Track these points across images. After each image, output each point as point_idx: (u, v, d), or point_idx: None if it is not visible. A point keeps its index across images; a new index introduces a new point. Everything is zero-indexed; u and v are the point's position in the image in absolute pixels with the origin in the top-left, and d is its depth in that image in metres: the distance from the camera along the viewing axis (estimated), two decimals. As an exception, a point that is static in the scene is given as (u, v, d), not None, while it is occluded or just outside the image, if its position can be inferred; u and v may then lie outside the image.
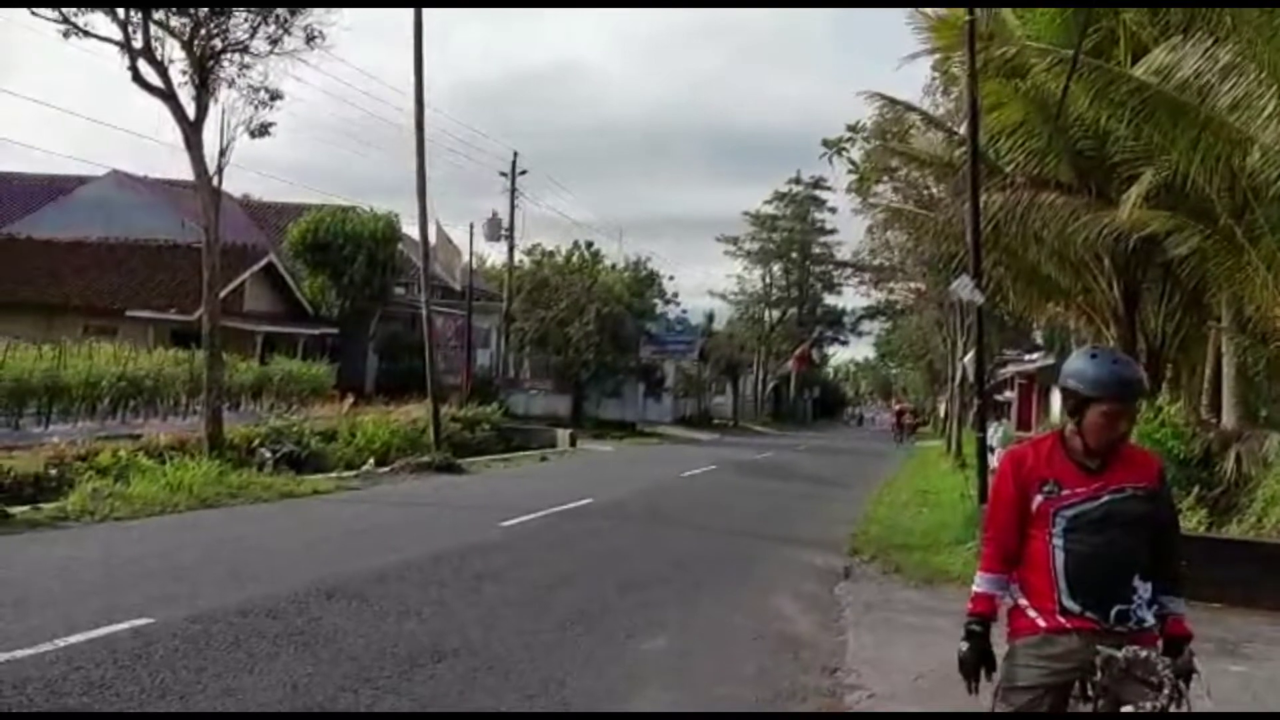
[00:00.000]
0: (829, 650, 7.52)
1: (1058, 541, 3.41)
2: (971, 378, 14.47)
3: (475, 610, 8.03)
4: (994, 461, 15.21)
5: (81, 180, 38.75)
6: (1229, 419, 14.22)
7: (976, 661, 3.51)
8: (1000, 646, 3.55)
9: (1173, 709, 3.17)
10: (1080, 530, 3.39)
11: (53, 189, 39.20)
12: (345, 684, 5.92)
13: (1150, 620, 3.39)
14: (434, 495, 16.69)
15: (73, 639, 6.40)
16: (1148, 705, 3.16)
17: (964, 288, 12.76)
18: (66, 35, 16.19)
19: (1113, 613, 3.34)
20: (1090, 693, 3.32)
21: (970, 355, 14.24)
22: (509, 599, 8.53)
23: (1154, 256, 14.69)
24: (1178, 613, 3.46)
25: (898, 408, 59.97)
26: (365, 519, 13.34)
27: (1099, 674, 3.26)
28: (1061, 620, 3.39)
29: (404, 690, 5.90)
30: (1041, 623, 3.43)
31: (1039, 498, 3.44)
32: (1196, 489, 11.55)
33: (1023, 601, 3.50)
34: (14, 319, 27.74)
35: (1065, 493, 3.41)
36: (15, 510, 11.64)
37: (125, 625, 6.81)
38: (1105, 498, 3.39)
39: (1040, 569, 3.45)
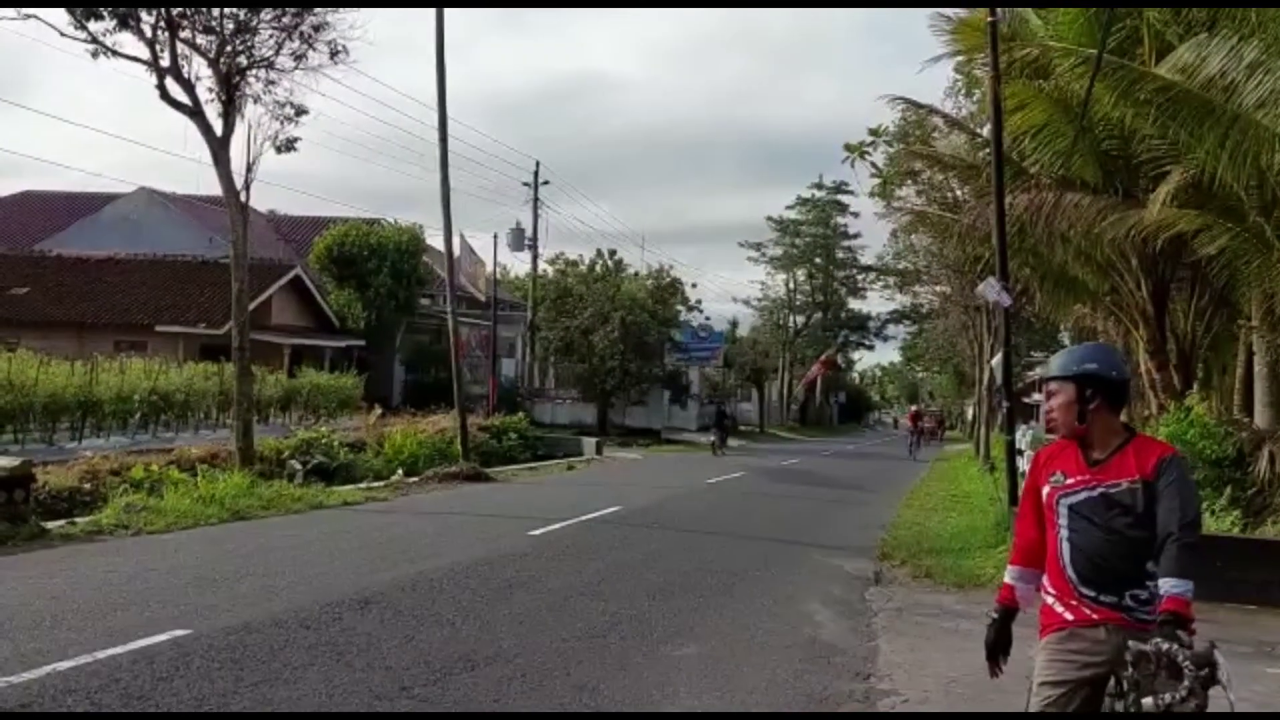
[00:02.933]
0: (861, 655, 7.50)
1: (1063, 532, 3.57)
2: (999, 380, 14.41)
3: (507, 618, 8.06)
4: (1023, 464, 15.17)
5: (111, 197, 39.29)
6: (1261, 418, 14.09)
7: (994, 643, 3.75)
8: (1023, 640, 3.70)
9: (1194, 703, 3.12)
10: (1080, 518, 3.54)
11: (82, 206, 39.79)
12: (380, 693, 5.97)
13: None
14: (463, 504, 16.75)
15: (111, 651, 6.49)
16: (1167, 697, 3.13)
17: (990, 289, 12.73)
18: (95, 55, 16.42)
19: (1127, 595, 3.43)
20: (1124, 688, 3.34)
21: (998, 357, 14.18)
22: (540, 607, 8.56)
23: (1182, 256, 14.59)
24: (1166, 592, 3.22)
25: (912, 410, 50.80)
26: (396, 529, 13.41)
27: (1130, 669, 3.26)
28: (1087, 612, 3.48)
29: (438, 698, 5.93)
30: (1068, 616, 3.53)
31: (1047, 487, 3.65)
32: (1229, 489, 11.44)
33: (1049, 597, 3.63)
34: (47, 335, 28.13)
35: (1068, 481, 3.59)
36: (51, 525, 11.78)
37: (163, 637, 6.89)
38: (1099, 489, 3.52)
39: (1054, 560, 3.61)
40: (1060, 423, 3.64)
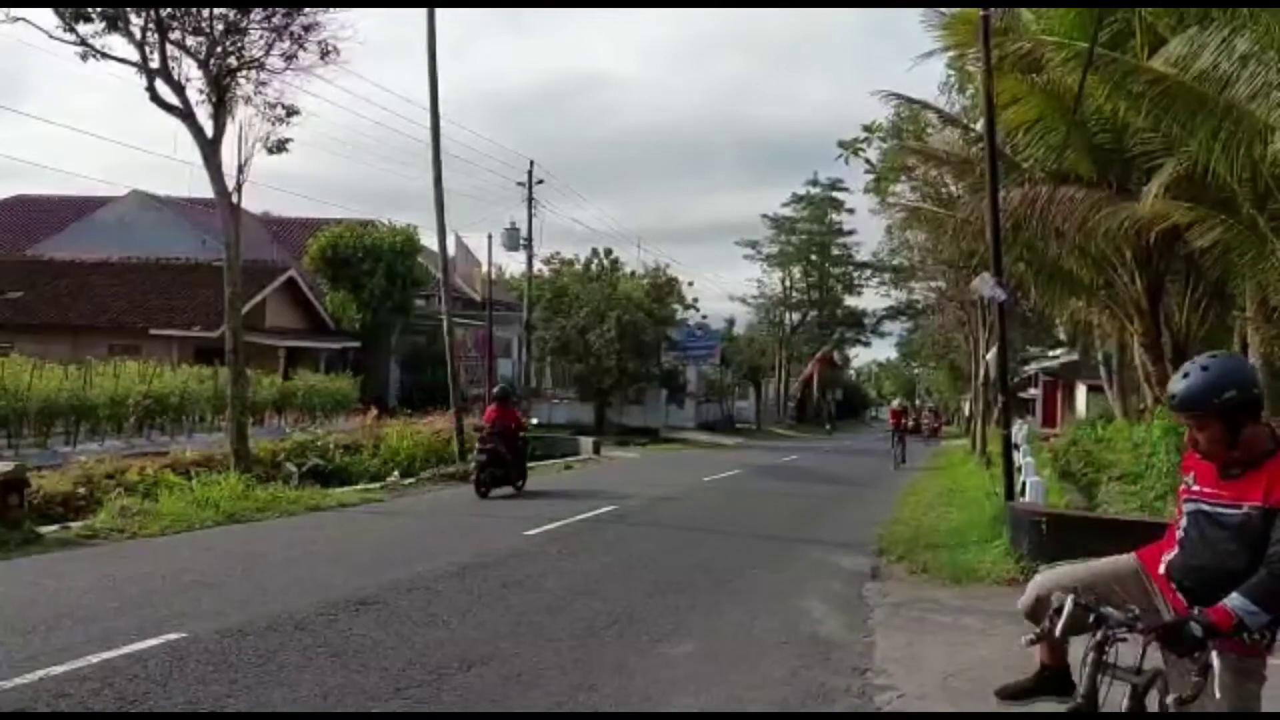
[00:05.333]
0: (858, 651, 7.48)
1: (1179, 533, 3.59)
2: (995, 375, 14.41)
3: (503, 619, 8.04)
4: (1019, 459, 15.16)
5: (103, 201, 39.18)
6: (1256, 410, 14.08)
7: None
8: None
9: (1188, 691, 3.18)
10: (1195, 528, 3.52)
11: (75, 210, 39.68)
12: (376, 694, 5.95)
13: None
14: (459, 505, 16.72)
15: (106, 655, 6.46)
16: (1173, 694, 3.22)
17: (986, 285, 12.72)
18: (85, 58, 16.34)
19: (1195, 610, 3.37)
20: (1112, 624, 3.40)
21: (993, 352, 14.18)
22: (537, 607, 8.53)
23: (1176, 249, 14.61)
24: (1227, 603, 3.20)
25: (894, 406, 38.22)
26: (392, 530, 13.38)
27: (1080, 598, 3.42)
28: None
29: (434, 700, 5.91)
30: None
31: (1182, 485, 3.66)
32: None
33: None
34: (40, 339, 28.08)
35: (1196, 488, 3.55)
36: (45, 529, 11.76)
37: (157, 640, 6.86)
38: (1216, 507, 3.47)
39: (1165, 545, 3.68)
40: (1212, 456, 3.45)
